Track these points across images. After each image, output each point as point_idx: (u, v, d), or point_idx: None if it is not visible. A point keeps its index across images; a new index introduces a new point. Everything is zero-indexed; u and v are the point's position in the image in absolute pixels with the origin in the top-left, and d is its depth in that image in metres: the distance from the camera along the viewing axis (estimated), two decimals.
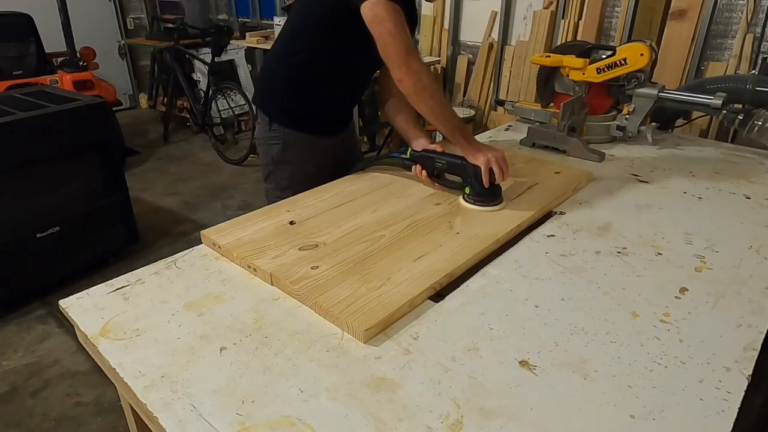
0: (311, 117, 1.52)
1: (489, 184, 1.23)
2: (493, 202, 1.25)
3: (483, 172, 1.23)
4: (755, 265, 1.05)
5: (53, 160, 2.38)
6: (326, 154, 1.58)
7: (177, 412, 0.71)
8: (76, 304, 0.94)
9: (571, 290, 0.97)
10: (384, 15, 1.19)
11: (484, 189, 1.24)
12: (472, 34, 3.75)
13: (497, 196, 1.27)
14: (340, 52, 1.42)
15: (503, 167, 1.24)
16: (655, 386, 0.74)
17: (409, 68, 1.23)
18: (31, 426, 1.81)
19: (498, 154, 1.25)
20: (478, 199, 1.26)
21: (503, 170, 1.24)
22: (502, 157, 1.26)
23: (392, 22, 1.20)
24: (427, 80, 1.25)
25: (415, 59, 1.24)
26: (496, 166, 1.23)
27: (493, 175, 1.23)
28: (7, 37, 3.63)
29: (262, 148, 1.56)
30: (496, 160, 1.23)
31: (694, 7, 2.74)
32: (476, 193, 1.26)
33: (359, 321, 0.85)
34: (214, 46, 4.27)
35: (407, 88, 1.25)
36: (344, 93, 1.58)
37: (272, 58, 1.56)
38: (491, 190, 1.25)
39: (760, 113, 1.61)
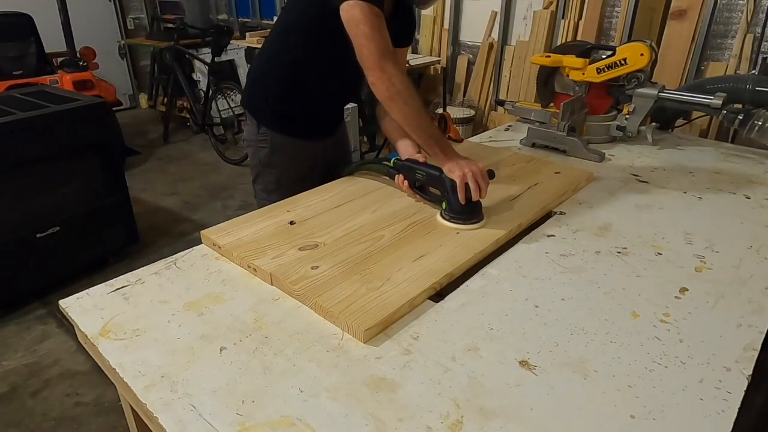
0: (301, 118, 1.50)
1: (465, 200, 1.14)
2: (470, 220, 1.16)
3: (458, 187, 1.14)
4: (755, 265, 1.05)
5: (53, 160, 2.38)
6: (316, 157, 1.57)
7: (177, 412, 0.71)
8: (76, 304, 0.94)
9: (571, 290, 0.97)
10: (360, 17, 1.17)
11: (460, 205, 1.15)
12: (472, 34, 3.75)
13: (475, 213, 1.17)
14: (330, 51, 1.39)
15: (480, 183, 1.15)
16: (655, 386, 0.74)
17: (383, 72, 1.19)
18: (31, 426, 1.81)
19: (475, 169, 1.16)
20: (454, 215, 1.17)
21: (480, 186, 1.15)
22: (481, 172, 1.17)
23: (368, 24, 1.17)
24: (401, 85, 1.20)
25: (389, 63, 1.19)
26: (473, 181, 1.14)
27: (469, 191, 1.14)
28: (7, 37, 3.63)
29: (251, 149, 1.55)
30: (473, 175, 1.14)
31: (694, 7, 2.74)
32: (452, 209, 1.17)
33: (359, 321, 0.84)
34: (214, 46, 4.27)
35: (380, 92, 1.21)
36: (335, 93, 1.56)
37: (262, 57, 1.54)
38: (468, 207, 1.16)
39: (760, 113, 1.61)
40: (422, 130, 1.25)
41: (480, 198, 1.16)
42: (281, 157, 1.51)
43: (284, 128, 1.49)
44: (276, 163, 1.52)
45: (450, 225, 1.16)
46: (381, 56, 1.19)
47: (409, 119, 1.23)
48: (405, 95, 1.21)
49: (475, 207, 1.17)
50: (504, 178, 1.44)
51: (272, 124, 1.49)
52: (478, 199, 1.15)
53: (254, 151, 1.53)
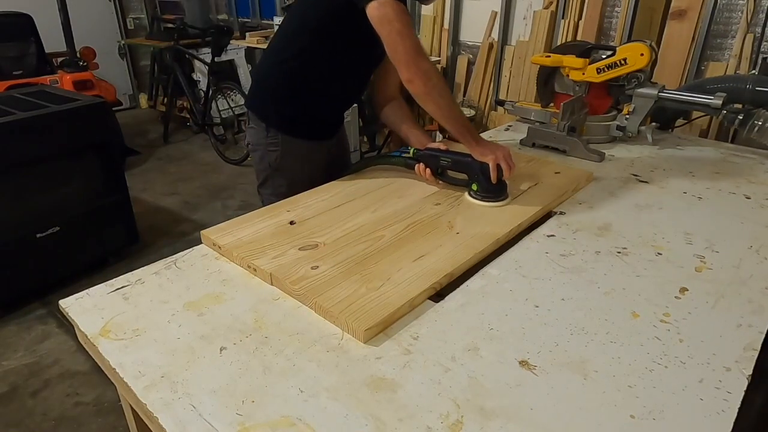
0: (308, 120, 1.50)
1: (497, 180, 1.26)
2: (500, 197, 1.30)
3: (492, 168, 1.26)
4: (755, 265, 1.05)
5: (53, 160, 2.38)
6: (322, 158, 1.57)
7: (177, 412, 0.71)
8: (76, 304, 0.94)
9: (571, 290, 0.97)
10: (392, 15, 1.19)
11: (491, 185, 1.28)
12: (472, 34, 3.75)
13: (504, 191, 1.30)
14: (341, 52, 1.40)
15: (510, 163, 1.28)
16: (655, 386, 0.74)
17: (419, 68, 1.22)
18: (31, 426, 1.81)
19: (505, 151, 1.29)
20: (486, 195, 1.29)
21: (510, 166, 1.28)
22: (509, 154, 1.29)
23: (400, 21, 1.19)
24: (436, 80, 1.25)
25: (424, 59, 1.23)
26: (504, 162, 1.26)
27: (500, 171, 1.27)
28: (7, 37, 3.63)
29: (258, 154, 1.52)
30: (504, 157, 1.27)
31: (694, 7, 2.74)
32: (484, 189, 1.29)
33: (359, 321, 0.85)
34: (214, 46, 4.27)
35: (417, 88, 1.24)
36: (342, 94, 1.57)
37: (269, 58, 1.52)
38: (498, 186, 1.28)
39: (760, 113, 1.61)
40: (456, 121, 1.31)
41: (509, 176, 1.29)
42: (292, 160, 1.50)
43: (292, 130, 1.49)
44: (287, 166, 1.51)
45: (481, 203, 1.29)
46: (416, 53, 1.22)
47: (445, 111, 1.29)
48: (440, 89, 1.26)
49: (504, 185, 1.30)
50: None
51: (281, 126, 1.47)
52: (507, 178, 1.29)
53: (262, 154, 1.51)
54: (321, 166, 1.56)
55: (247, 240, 1.11)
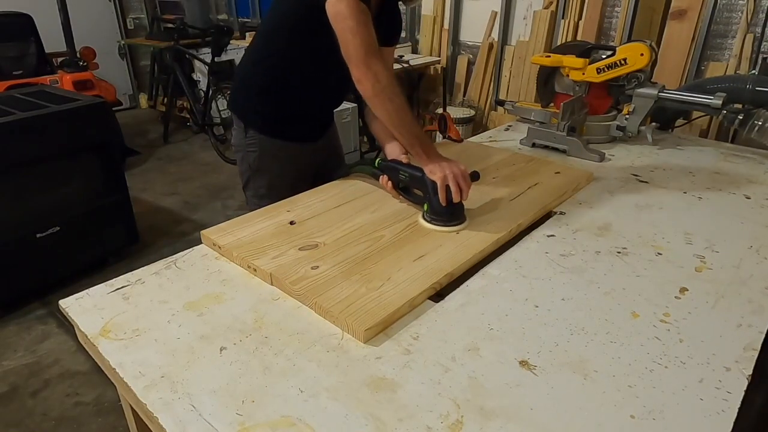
0: (288, 121, 1.47)
1: (446, 202, 1.14)
2: (451, 222, 1.15)
3: (439, 188, 1.13)
4: (755, 265, 1.05)
5: (53, 160, 2.38)
6: (305, 160, 1.54)
7: (177, 412, 0.71)
8: (76, 304, 0.94)
9: (571, 290, 0.97)
10: (346, 12, 1.14)
11: (441, 207, 1.14)
12: (472, 34, 3.75)
13: (456, 216, 1.16)
14: (317, 51, 1.36)
15: (462, 185, 1.14)
16: (655, 386, 0.74)
17: (369, 68, 1.16)
18: (31, 426, 1.81)
19: (457, 170, 1.15)
20: (434, 217, 1.16)
21: (462, 188, 1.14)
22: (462, 174, 1.15)
23: (353, 19, 1.14)
24: (386, 82, 1.17)
25: (375, 59, 1.17)
26: (453, 183, 1.13)
27: (451, 193, 1.14)
28: (7, 37, 3.63)
29: (239, 155, 1.52)
30: (453, 177, 1.13)
31: (694, 7, 2.74)
32: (433, 211, 1.16)
33: (359, 321, 0.85)
34: (214, 46, 4.27)
35: (365, 89, 1.18)
36: (321, 95, 1.52)
37: (248, 58, 1.50)
38: (449, 209, 1.14)
39: (760, 113, 1.61)
40: (405, 129, 1.21)
41: (462, 200, 1.15)
42: (270, 162, 1.49)
43: (271, 131, 1.46)
44: (266, 167, 1.49)
45: (431, 227, 1.16)
46: (366, 52, 1.16)
47: (393, 117, 1.20)
48: (390, 92, 1.18)
49: (456, 209, 1.16)
50: (504, 178, 1.44)
51: (259, 127, 1.46)
52: (459, 201, 1.14)
53: (243, 156, 1.51)
54: (305, 169, 1.53)
55: (247, 240, 1.11)
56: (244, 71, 1.53)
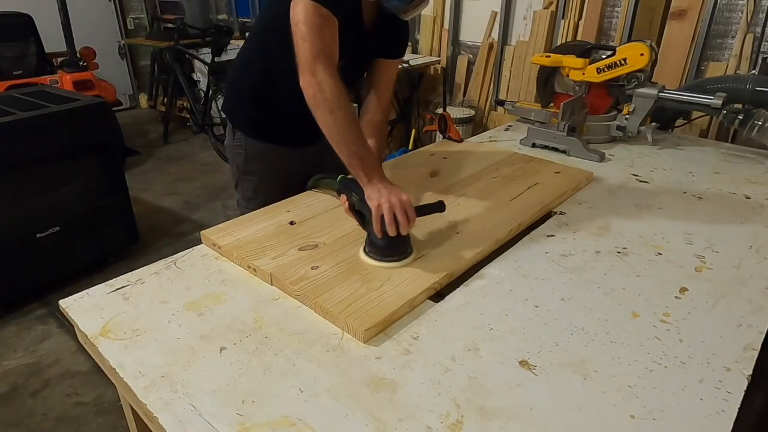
0: (275, 125, 1.44)
1: (381, 233, 1.00)
2: (386, 258, 1.01)
3: (373, 218, 1.00)
4: (755, 265, 1.05)
5: (53, 160, 2.38)
6: (294, 165, 1.48)
7: (177, 412, 0.71)
8: (76, 304, 0.94)
9: (571, 290, 0.97)
10: (300, 15, 1.09)
11: (376, 238, 1.01)
12: (472, 34, 3.75)
13: (394, 250, 1.01)
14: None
15: (400, 217, 1.00)
16: (655, 386, 0.74)
17: (313, 75, 1.09)
18: (31, 426, 1.81)
19: (395, 200, 1.01)
20: (368, 249, 1.03)
21: (399, 221, 1.00)
22: (402, 205, 1.00)
23: (306, 23, 1.09)
24: (330, 93, 1.09)
25: (321, 67, 1.09)
26: (388, 214, 0.99)
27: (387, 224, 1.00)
28: (7, 37, 3.63)
29: (230, 156, 1.51)
30: (390, 207, 1.00)
31: (694, 7, 2.74)
32: (368, 241, 1.04)
33: (359, 321, 0.85)
34: (214, 46, 4.27)
35: (308, 97, 1.10)
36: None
37: (238, 61, 1.48)
38: (384, 242, 1.00)
39: (760, 113, 1.61)
40: (345, 146, 1.10)
41: (401, 233, 1.00)
42: (257, 165, 1.46)
43: (258, 134, 1.44)
44: (252, 170, 1.47)
45: (365, 259, 1.03)
46: (314, 58, 1.10)
47: (332, 131, 1.10)
48: (332, 104, 1.09)
49: (395, 243, 1.01)
50: (504, 178, 1.44)
51: (246, 130, 1.45)
52: (397, 234, 0.99)
53: (232, 157, 1.49)
54: (293, 174, 1.46)
55: (247, 240, 1.11)
56: (234, 73, 1.52)
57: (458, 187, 1.37)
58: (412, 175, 1.46)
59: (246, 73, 1.44)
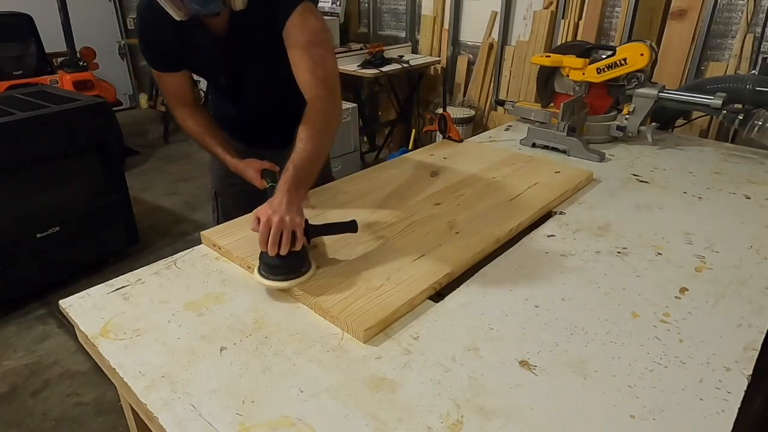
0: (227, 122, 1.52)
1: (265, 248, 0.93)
2: (267, 275, 0.94)
3: (260, 232, 0.93)
4: (755, 265, 1.05)
5: (53, 160, 2.38)
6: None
7: (177, 412, 0.71)
8: (76, 304, 0.94)
9: (571, 290, 0.97)
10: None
11: (263, 254, 0.94)
12: (472, 34, 3.75)
13: (276, 269, 0.94)
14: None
15: (272, 238, 0.92)
16: (655, 386, 0.74)
17: (175, 118, 1.45)
18: (31, 426, 1.81)
19: (278, 219, 0.93)
20: (258, 264, 0.97)
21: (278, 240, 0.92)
22: (281, 225, 0.92)
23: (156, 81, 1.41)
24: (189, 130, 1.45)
25: (178, 111, 1.41)
26: (265, 230, 0.93)
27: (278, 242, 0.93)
28: (7, 37, 3.63)
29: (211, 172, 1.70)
30: (267, 224, 0.93)
31: (694, 7, 2.74)
32: (259, 256, 0.96)
33: (359, 321, 0.84)
34: None
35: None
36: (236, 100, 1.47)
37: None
38: (267, 258, 0.93)
39: (760, 113, 1.61)
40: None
41: (282, 251, 0.92)
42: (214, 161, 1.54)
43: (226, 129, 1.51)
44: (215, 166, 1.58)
45: (259, 279, 0.96)
46: (170, 104, 1.42)
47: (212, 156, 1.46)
48: (188, 134, 1.46)
49: (281, 262, 0.93)
50: (504, 178, 1.44)
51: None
52: (279, 253, 0.92)
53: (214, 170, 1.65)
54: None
55: (247, 240, 1.10)
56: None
57: (458, 187, 1.37)
58: (412, 175, 1.46)
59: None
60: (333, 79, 1.19)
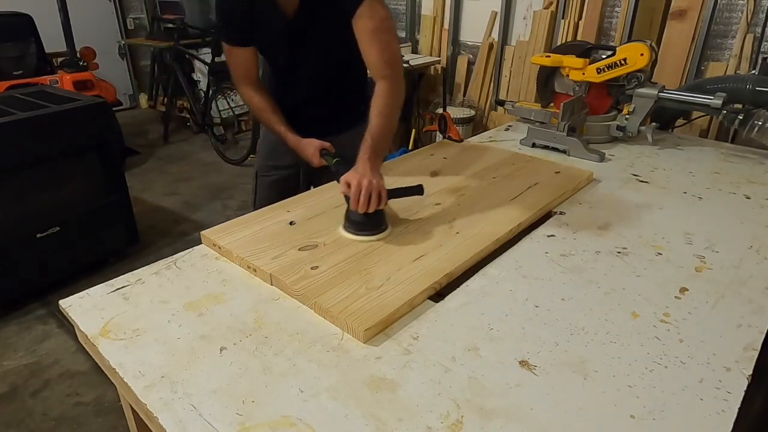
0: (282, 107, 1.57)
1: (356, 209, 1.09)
2: (360, 232, 1.11)
3: (352, 195, 1.09)
4: (755, 265, 1.05)
5: (53, 160, 2.38)
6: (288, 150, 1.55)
7: (177, 412, 0.71)
8: (76, 304, 0.94)
9: (571, 290, 0.97)
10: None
11: (352, 213, 1.11)
12: (472, 34, 3.75)
13: (366, 225, 1.11)
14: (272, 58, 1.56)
15: (363, 199, 1.08)
16: (655, 386, 0.74)
17: (242, 95, 1.54)
18: (31, 426, 1.81)
19: (366, 182, 1.09)
20: (345, 223, 1.14)
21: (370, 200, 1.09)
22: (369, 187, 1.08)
23: (226, 58, 1.49)
24: (249, 103, 1.53)
25: (242, 87, 1.51)
26: (361, 193, 1.08)
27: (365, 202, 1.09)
28: (7, 37, 3.63)
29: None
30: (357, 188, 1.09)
31: (694, 7, 2.74)
32: (346, 215, 1.14)
33: (359, 321, 0.84)
34: (214, 46, 4.27)
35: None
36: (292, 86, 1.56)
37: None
38: (358, 216, 1.10)
39: (760, 113, 1.61)
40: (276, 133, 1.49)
41: (369, 210, 1.09)
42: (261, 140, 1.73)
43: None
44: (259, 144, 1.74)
45: (342, 232, 1.13)
46: (236, 81, 1.51)
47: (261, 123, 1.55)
48: (252, 110, 1.54)
49: (368, 219, 1.10)
50: (504, 178, 1.44)
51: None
52: (369, 212, 1.09)
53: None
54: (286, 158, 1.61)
55: (247, 240, 1.11)
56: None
57: (458, 187, 1.37)
58: (412, 175, 1.46)
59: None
60: (398, 62, 1.35)
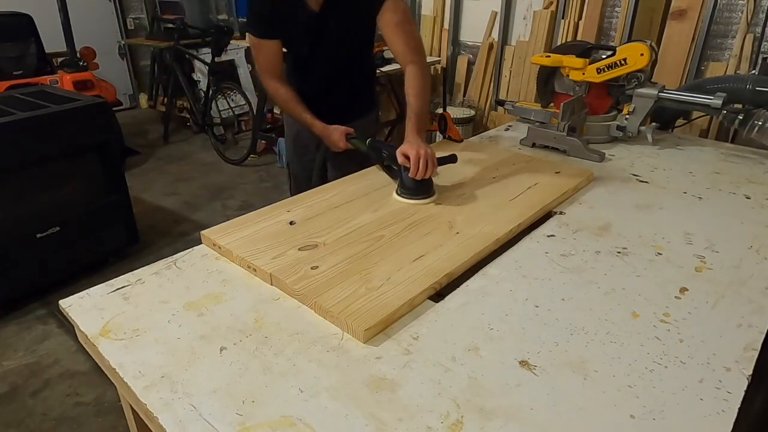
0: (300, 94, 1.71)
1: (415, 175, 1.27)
2: (416, 196, 1.29)
3: (412, 163, 1.27)
4: (755, 265, 1.05)
5: (53, 160, 2.37)
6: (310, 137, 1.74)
7: (177, 412, 0.71)
8: (76, 304, 0.94)
9: (571, 290, 0.97)
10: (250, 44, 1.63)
11: (409, 181, 1.28)
12: (472, 34, 3.75)
13: (423, 190, 1.29)
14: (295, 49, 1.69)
15: (421, 166, 1.26)
16: (655, 386, 0.74)
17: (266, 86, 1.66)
18: (31, 426, 1.81)
19: (423, 152, 1.27)
20: (403, 191, 1.31)
21: (427, 167, 1.27)
22: (426, 155, 1.27)
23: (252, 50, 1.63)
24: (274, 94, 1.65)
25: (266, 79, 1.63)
26: (418, 161, 1.26)
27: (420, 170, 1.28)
28: (7, 37, 3.63)
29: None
30: (416, 156, 1.26)
31: (694, 7, 2.74)
32: (402, 185, 1.31)
33: (359, 321, 0.84)
34: (214, 46, 4.27)
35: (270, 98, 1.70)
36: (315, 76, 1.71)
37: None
38: (416, 183, 1.28)
39: (760, 113, 1.61)
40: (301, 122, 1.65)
41: (425, 176, 1.28)
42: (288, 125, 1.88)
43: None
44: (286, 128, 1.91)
45: (400, 199, 1.30)
46: (262, 74, 1.64)
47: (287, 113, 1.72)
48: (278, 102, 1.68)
49: (423, 184, 1.29)
50: (504, 178, 1.44)
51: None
52: (423, 177, 1.28)
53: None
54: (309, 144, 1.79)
55: (247, 240, 1.11)
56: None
57: (458, 187, 1.37)
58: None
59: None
60: (422, 49, 1.57)
